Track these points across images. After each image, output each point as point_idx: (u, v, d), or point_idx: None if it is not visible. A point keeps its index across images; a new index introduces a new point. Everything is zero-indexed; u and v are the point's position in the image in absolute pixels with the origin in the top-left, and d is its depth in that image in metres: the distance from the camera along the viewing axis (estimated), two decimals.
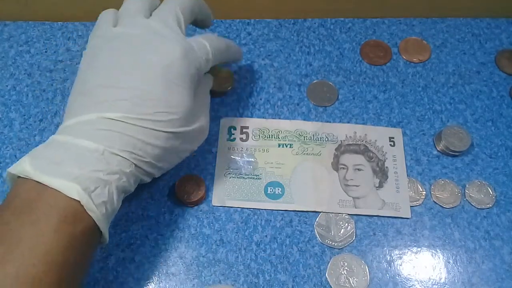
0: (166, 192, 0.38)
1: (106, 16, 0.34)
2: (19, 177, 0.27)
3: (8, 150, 0.40)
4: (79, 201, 0.26)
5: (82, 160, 0.27)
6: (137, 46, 0.32)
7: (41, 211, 0.26)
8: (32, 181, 0.26)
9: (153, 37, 0.32)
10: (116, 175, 0.28)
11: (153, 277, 0.35)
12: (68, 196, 0.26)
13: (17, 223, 0.25)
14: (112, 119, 0.29)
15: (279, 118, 0.42)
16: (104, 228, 0.28)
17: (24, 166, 0.27)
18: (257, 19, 0.47)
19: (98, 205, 0.27)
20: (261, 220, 0.38)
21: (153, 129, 0.30)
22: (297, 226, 0.37)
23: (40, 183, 0.26)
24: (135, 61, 0.31)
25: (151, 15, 0.34)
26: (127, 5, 0.35)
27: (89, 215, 0.27)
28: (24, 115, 0.42)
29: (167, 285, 0.35)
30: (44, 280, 0.24)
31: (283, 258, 0.36)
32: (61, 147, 0.28)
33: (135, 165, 0.30)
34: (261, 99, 0.43)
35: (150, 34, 0.32)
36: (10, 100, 0.43)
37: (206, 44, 0.34)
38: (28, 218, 0.25)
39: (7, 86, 0.44)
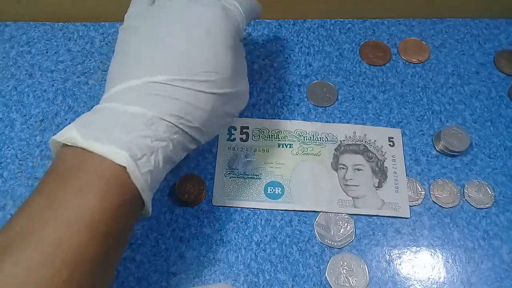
0: (166, 192, 0.38)
1: None
2: (64, 145, 0.27)
3: (9, 150, 0.40)
4: (125, 169, 0.26)
5: (129, 126, 0.27)
6: (178, 13, 0.31)
7: (86, 178, 0.25)
8: (78, 148, 0.26)
9: (191, 3, 0.32)
10: (164, 142, 0.28)
11: (154, 277, 0.35)
12: (114, 163, 0.25)
13: (62, 189, 0.25)
14: (160, 82, 0.28)
15: (279, 118, 0.42)
16: (147, 199, 0.28)
17: (71, 133, 0.26)
18: (257, 20, 0.48)
19: (144, 173, 0.26)
20: (261, 219, 0.38)
21: (201, 91, 0.29)
22: (297, 226, 0.37)
23: (86, 150, 0.26)
24: (177, 24, 0.31)
25: None
26: None
27: (133, 184, 0.26)
28: (25, 115, 0.42)
29: (167, 285, 0.35)
30: (88, 249, 0.24)
31: (283, 257, 0.36)
32: (107, 113, 0.28)
33: (182, 130, 0.29)
34: (261, 99, 0.43)
35: (188, 1, 0.32)
36: (11, 100, 0.43)
37: (235, 3, 0.34)
38: (73, 185, 0.25)
39: (8, 86, 0.44)
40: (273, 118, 0.42)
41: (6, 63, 0.45)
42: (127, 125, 0.27)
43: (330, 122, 0.42)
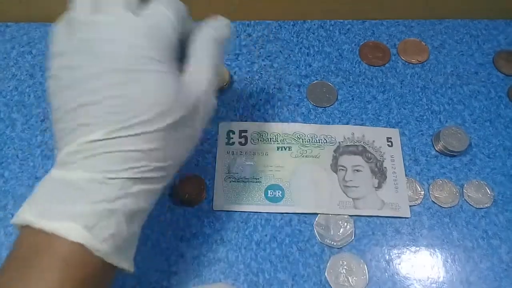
0: (166, 192, 0.39)
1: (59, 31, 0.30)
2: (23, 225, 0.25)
3: (10, 150, 0.41)
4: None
5: (81, 194, 0.25)
6: (96, 46, 0.26)
7: (44, 259, 0.24)
8: (33, 228, 0.24)
9: (109, 28, 0.26)
10: (121, 199, 0.25)
11: (154, 276, 0.35)
12: (69, 240, 0.24)
13: (20, 275, 0.24)
14: (97, 140, 0.25)
15: (279, 119, 0.42)
16: (117, 261, 0.26)
17: (24, 214, 0.25)
18: (257, 21, 0.48)
19: (105, 239, 0.25)
20: (261, 219, 0.38)
21: (143, 133, 0.26)
22: (297, 226, 0.38)
23: (42, 229, 0.24)
24: (96, 62, 0.26)
25: None
26: None
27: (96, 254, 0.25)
28: (26, 116, 0.42)
29: (168, 284, 0.35)
30: None
31: (282, 257, 0.36)
32: (57, 185, 0.26)
33: (140, 178, 0.26)
34: (261, 99, 0.43)
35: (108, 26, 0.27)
36: (12, 100, 0.43)
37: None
38: (31, 268, 0.24)
39: (9, 86, 0.44)
40: (273, 119, 0.42)
41: (7, 64, 0.45)
42: (78, 194, 0.25)
43: (329, 123, 0.42)
